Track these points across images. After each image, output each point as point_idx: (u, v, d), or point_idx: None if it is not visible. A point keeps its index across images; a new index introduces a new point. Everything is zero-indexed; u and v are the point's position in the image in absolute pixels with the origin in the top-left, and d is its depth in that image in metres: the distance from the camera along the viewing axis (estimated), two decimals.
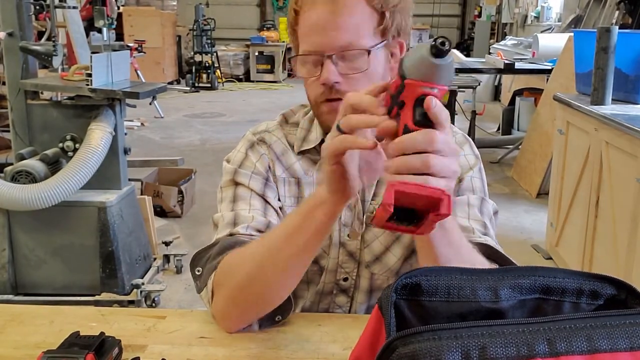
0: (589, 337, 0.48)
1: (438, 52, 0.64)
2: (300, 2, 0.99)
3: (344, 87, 0.97)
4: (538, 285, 0.56)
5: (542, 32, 7.88)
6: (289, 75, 11.93)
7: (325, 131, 1.06)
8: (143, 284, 2.80)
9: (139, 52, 6.14)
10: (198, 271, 1.01)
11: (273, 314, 0.98)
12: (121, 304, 2.68)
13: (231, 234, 1.02)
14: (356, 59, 0.97)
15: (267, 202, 1.09)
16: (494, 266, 0.93)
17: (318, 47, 0.97)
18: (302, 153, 1.13)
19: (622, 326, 0.49)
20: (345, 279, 1.14)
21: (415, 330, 0.48)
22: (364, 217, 1.10)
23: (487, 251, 0.95)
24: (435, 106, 0.66)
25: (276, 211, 1.08)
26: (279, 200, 1.12)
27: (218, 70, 10.47)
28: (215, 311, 0.98)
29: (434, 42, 0.64)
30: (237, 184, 1.10)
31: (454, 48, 11.01)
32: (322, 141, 1.10)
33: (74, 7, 3.10)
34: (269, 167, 1.13)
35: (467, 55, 9.26)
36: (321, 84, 0.98)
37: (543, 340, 0.47)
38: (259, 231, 1.02)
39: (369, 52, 0.97)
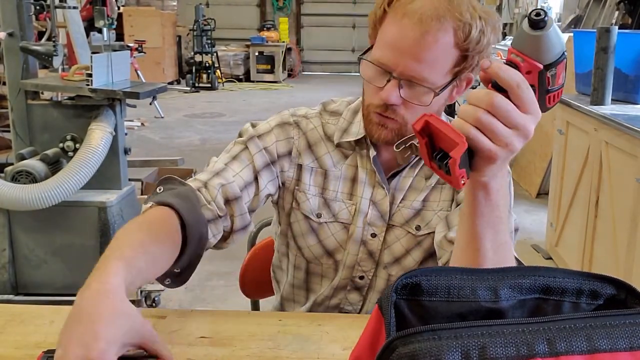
0: (588, 337, 0.48)
1: (532, 23, 0.67)
2: (394, 5, 0.96)
3: (401, 111, 0.98)
4: (538, 285, 0.56)
5: None
6: (289, 75, 11.93)
7: (368, 134, 1.07)
8: None
9: (139, 52, 6.14)
10: (159, 190, 1.00)
11: (166, 275, 0.95)
12: None
13: (206, 186, 1.03)
14: (421, 92, 0.96)
15: (256, 180, 1.08)
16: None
17: (390, 64, 0.95)
18: (338, 145, 1.12)
19: (621, 326, 0.49)
20: (362, 277, 1.14)
21: (415, 330, 0.48)
22: (389, 219, 1.11)
23: None
24: (491, 68, 0.69)
25: (258, 194, 1.08)
26: (279, 187, 1.13)
27: (218, 71, 10.47)
28: None
29: (528, 14, 0.67)
30: (246, 147, 1.10)
31: None
32: (364, 137, 1.09)
33: (74, 7, 3.10)
34: (290, 153, 1.12)
35: None
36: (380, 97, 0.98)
37: (543, 340, 0.47)
38: (226, 200, 1.03)
39: (436, 93, 0.96)
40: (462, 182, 0.69)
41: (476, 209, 0.77)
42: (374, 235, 1.11)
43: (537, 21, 0.67)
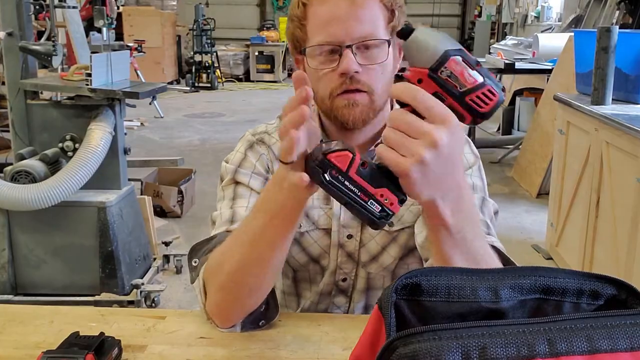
0: (589, 338, 0.48)
1: (399, 35, 0.72)
2: None
3: (363, 78, 0.98)
4: (538, 286, 0.56)
5: (542, 32, 7.87)
6: (289, 75, 11.93)
7: (336, 124, 1.05)
8: (143, 284, 2.80)
9: (139, 52, 6.14)
10: (194, 262, 1.00)
11: (257, 318, 0.97)
12: (121, 304, 2.67)
13: (228, 231, 1.01)
14: (375, 50, 0.99)
15: None
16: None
17: (337, 38, 0.97)
18: None
19: (622, 326, 0.49)
20: (344, 280, 1.14)
21: (416, 331, 0.48)
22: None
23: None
24: (391, 89, 0.73)
25: None
26: None
27: (218, 70, 10.47)
28: (207, 304, 0.96)
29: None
30: (237, 182, 1.10)
31: None
32: (321, 140, 1.09)
33: (74, 7, 3.10)
34: (268, 167, 1.13)
35: None
36: (340, 74, 0.98)
37: (543, 341, 0.47)
38: None
39: (389, 42, 0.99)
40: (385, 200, 0.71)
41: (437, 238, 0.76)
42: (350, 236, 1.11)
43: (401, 31, 0.71)
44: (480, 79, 0.70)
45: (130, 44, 5.51)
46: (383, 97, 1.03)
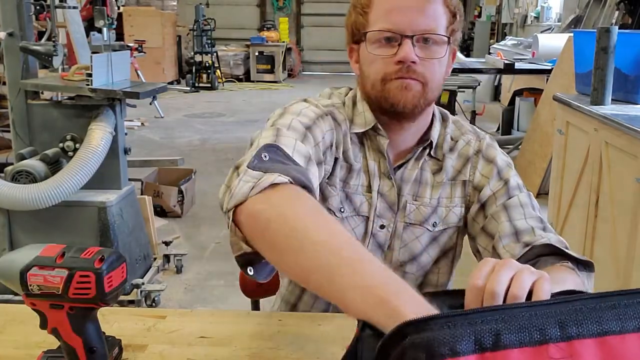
0: (599, 320, 0.48)
1: None
2: None
3: (419, 69, 1.00)
4: None
5: (542, 32, 7.88)
6: (289, 75, 11.93)
7: (386, 108, 1.04)
8: (143, 283, 2.80)
9: (139, 52, 6.13)
10: (265, 157, 0.83)
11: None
12: (121, 303, 2.68)
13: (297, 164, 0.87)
14: (434, 46, 1.02)
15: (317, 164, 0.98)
16: (567, 264, 0.94)
17: (399, 27, 0.99)
18: (351, 137, 1.11)
19: (630, 306, 0.49)
20: None
21: (429, 317, 0.47)
22: (398, 210, 1.11)
23: (551, 250, 0.97)
24: None
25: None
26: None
27: (218, 70, 10.47)
28: (249, 207, 0.77)
29: None
30: (308, 128, 1.00)
31: None
32: (372, 127, 1.08)
33: (74, 7, 3.10)
34: (332, 145, 1.06)
35: (467, 56, 9.26)
36: (396, 62, 1.00)
37: (555, 324, 0.47)
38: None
39: (449, 40, 1.03)
40: None
41: None
42: (382, 226, 1.11)
43: None
44: None
45: (131, 44, 5.50)
46: (435, 92, 1.05)
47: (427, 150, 1.12)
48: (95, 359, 0.78)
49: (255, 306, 1.58)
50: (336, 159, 1.08)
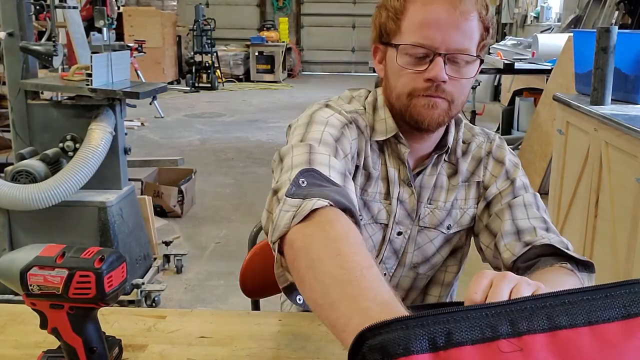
0: (549, 316, 0.49)
1: None
2: None
3: (448, 88, 0.99)
4: None
5: (541, 32, 7.88)
6: (289, 75, 11.93)
7: (410, 123, 1.03)
8: (143, 283, 2.80)
9: (139, 52, 6.14)
10: (302, 182, 0.82)
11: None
12: (121, 303, 2.68)
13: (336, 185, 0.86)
14: (465, 65, 0.99)
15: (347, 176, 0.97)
16: (565, 265, 0.95)
17: (433, 43, 0.97)
18: (371, 144, 1.09)
19: (579, 302, 0.50)
20: (384, 275, 1.15)
21: (384, 322, 0.49)
22: (416, 217, 1.11)
23: (551, 251, 0.98)
24: None
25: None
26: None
27: (218, 70, 10.47)
28: (292, 236, 0.76)
29: None
30: (337, 141, 0.99)
31: None
32: (394, 135, 1.06)
33: (74, 7, 3.10)
34: (355, 152, 1.05)
35: None
36: (426, 79, 0.98)
37: (506, 322, 0.48)
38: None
39: (482, 61, 1.01)
40: None
41: None
42: (399, 233, 1.12)
43: None
44: None
45: (131, 44, 5.51)
46: (459, 108, 1.04)
47: (444, 156, 1.12)
48: (95, 359, 0.78)
49: (255, 306, 1.58)
50: (357, 167, 1.06)
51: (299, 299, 0.79)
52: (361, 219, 1.08)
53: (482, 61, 1.03)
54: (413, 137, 1.08)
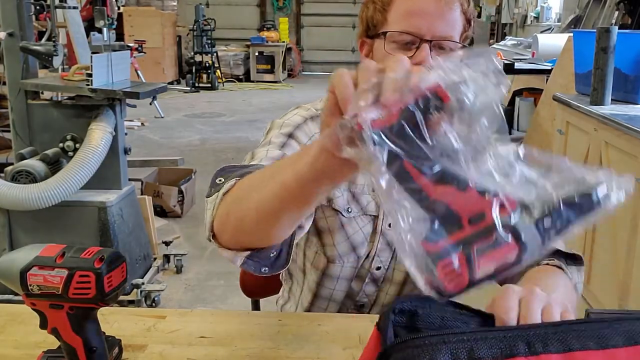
0: (562, 340, 0.53)
1: None
2: None
3: None
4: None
5: (541, 32, 7.87)
6: (289, 75, 11.93)
7: None
8: (143, 283, 2.80)
9: (139, 52, 6.14)
10: (219, 180, 0.89)
11: (262, 264, 0.84)
12: (121, 303, 2.68)
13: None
14: (450, 52, 1.02)
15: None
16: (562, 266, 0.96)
17: (419, 30, 1.00)
18: None
19: (591, 330, 0.54)
20: (379, 268, 1.15)
21: (408, 337, 0.52)
22: None
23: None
24: None
25: None
26: None
27: (218, 70, 10.47)
28: (215, 217, 0.84)
29: None
30: (291, 136, 1.06)
31: None
32: None
33: (74, 7, 3.10)
34: None
35: None
36: (412, 65, 0.99)
37: (523, 343, 0.52)
38: None
39: (463, 48, 1.04)
40: None
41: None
42: (390, 225, 1.12)
43: None
44: None
45: (131, 44, 5.50)
46: None
47: None
48: (95, 359, 0.78)
49: (255, 306, 1.58)
50: None
51: (265, 269, 0.83)
52: (350, 212, 1.11)
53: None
54: None
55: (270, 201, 0.72)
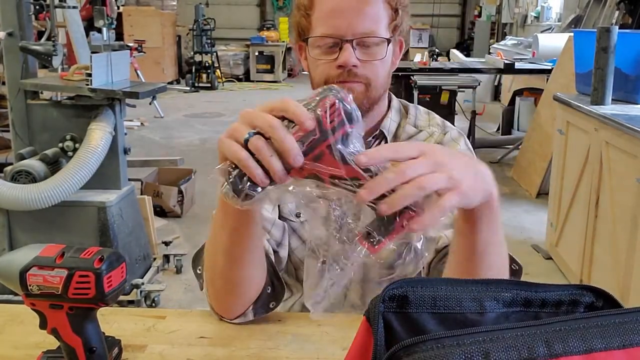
0: (583, 338, 0.49)
1: None
2: None
3: (361, 72, 1.01)
4: (519, 299, 0.57)
5: (542, 32, 7.88)
6: (289, 75, 11.93)
7: None
8: (143, 283, 2.80)
9: (139, 52, 6.14)
10: (199, 270, 1.02)
11: (266, 302, 0.98)
12: (121, 303, 2.68)
13: None
14: (374, 47, 1.02)
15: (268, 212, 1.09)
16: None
17: (338, 31, 1.00)
18: None
19: (613, 325, 0.50)
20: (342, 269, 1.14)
21: (419, 340, 0.48)
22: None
23: None
24: None
25: (274, 222, 1.09)
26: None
27: (218, 70, 10.47)
28: (209, 299, 1.00)
29: None
30: None
31: (454, 48, 11.03)
32: None
33: (74, 7, 3.09)
34: None
35: (467, 55, 9.26)
36: (338, 66, 1.00)
37: (541, 342, 0.48)
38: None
39: (389, 41, 1.02)
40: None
41: (482, 228, 0.81)
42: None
43: None
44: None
45: (131, 44, 5.50)
46: (380, 90, 1.06)
47: (379, 141, 1.12)
48: (95, 359, 0.78)
49: None
50: None
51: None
52: (299, 217, 1.13)
53: (402, 43, 1.08)
54: None
55: (223, 248, 0.89)
